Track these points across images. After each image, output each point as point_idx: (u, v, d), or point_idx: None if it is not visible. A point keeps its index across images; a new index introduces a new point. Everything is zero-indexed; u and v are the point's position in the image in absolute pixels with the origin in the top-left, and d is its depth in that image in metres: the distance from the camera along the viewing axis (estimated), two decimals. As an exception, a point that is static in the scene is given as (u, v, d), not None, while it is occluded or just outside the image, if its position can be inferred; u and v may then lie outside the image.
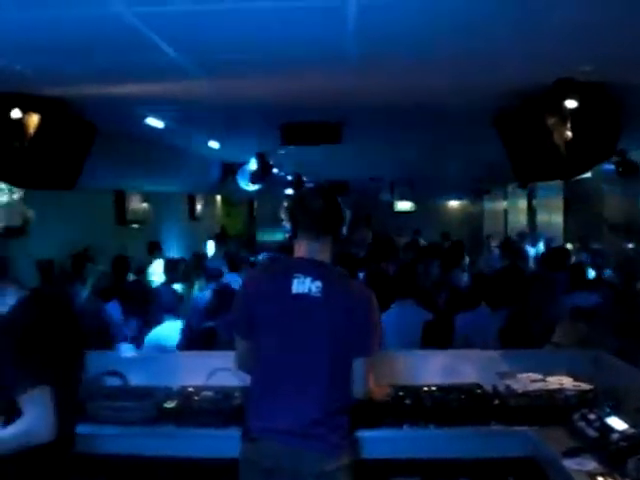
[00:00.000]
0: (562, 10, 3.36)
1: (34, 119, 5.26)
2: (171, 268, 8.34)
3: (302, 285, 3.08)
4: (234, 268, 9.04)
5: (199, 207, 15.74)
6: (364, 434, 3.53)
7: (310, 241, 3.16)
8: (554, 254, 8.65)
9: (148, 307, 6.14)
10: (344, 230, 3.25)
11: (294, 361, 3.09)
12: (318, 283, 3.08)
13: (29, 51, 3.94)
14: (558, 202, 15.18)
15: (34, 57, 4.10)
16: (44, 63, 4.25)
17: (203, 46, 3.97)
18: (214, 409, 3.83)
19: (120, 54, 4.05)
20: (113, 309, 6.37)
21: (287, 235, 3.29)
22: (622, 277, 7.73)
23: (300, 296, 3.08)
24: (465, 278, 8.93)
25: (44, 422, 2.63)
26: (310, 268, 3.12)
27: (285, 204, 3.05)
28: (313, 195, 3.25)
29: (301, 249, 3.19)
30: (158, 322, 5.75)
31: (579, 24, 3.60)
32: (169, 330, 5.56)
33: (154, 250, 10.96)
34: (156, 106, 6.18)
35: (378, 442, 3.64)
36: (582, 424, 3.41)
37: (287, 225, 3.28)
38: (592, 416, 3.44)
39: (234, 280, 7.57)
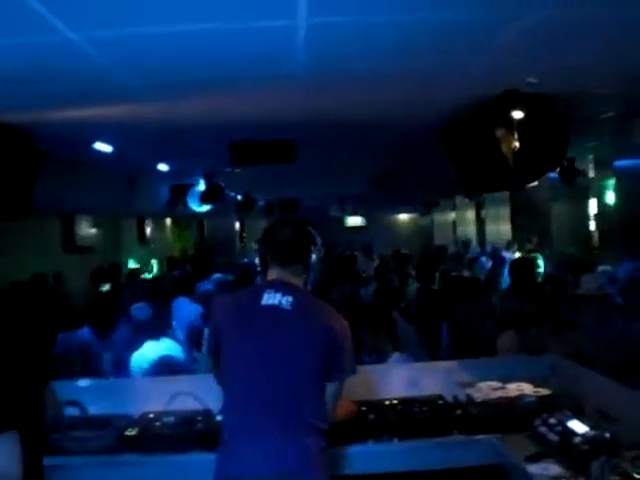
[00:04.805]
0: (510, 24, 3.45)
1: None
2: None
3: (272, 298, 3.01)
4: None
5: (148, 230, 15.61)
6: (329, 452, 3.52)
7: (279, 269, 3.12)
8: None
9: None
10: (314, 258, 3.19)
11: (268, 383, 2.94)
12: (289, 297, 3.01)
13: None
14: (505, 211, 15.44)
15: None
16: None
17: (153, 68, 3.95)
18: (177, 434, 3.77)
19: (70, 80, 4.01)
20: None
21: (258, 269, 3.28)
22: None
23: (270, 307, 3.00)
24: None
25: (12, 468, 2.51)
26: (280, 286, 3.06)
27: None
28: (281, 226, 3.24)
29: (271, 275, 3.15)
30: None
31: (526, 38, 3.68)
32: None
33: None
34: (104, 130, 6.11)
35: (343, 459, 3.64)
36: (544, 429, 3.44)
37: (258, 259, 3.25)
38: (553, 421, 3.47)
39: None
